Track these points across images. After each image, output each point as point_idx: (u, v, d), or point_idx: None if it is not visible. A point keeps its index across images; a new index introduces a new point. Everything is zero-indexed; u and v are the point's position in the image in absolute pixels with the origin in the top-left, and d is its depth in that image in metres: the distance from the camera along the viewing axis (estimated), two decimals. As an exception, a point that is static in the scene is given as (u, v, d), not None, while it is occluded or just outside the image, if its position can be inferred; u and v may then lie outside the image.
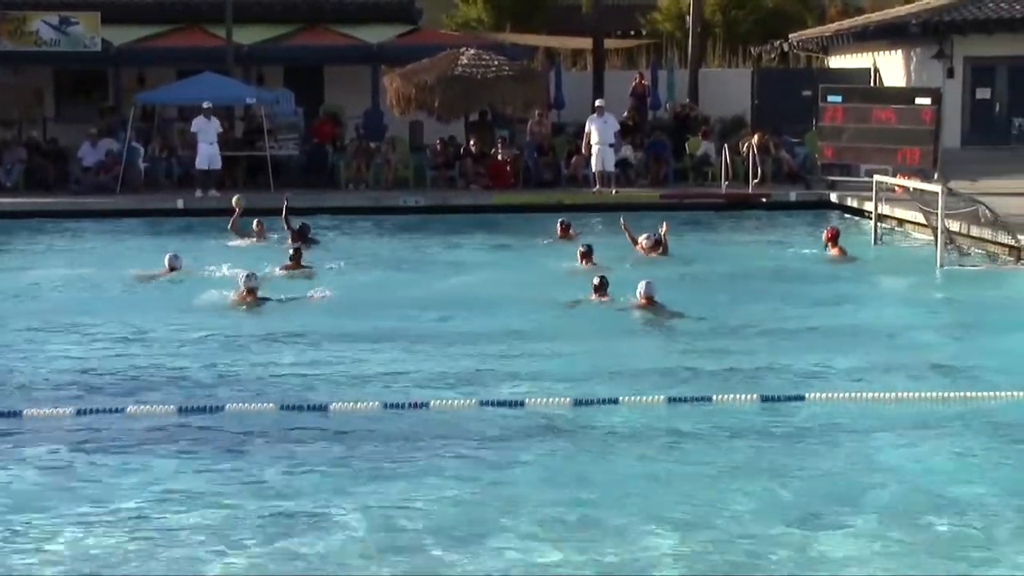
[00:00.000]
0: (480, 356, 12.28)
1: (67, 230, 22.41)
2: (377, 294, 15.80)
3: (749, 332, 13.35)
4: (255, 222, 19.74)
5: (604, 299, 14.36)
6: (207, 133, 25.62)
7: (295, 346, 12.80)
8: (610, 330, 13.42)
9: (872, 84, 32.01)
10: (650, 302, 13.83)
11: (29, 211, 24.04)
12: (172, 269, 16.66)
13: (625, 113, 30.03)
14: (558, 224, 20.07)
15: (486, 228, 22.08)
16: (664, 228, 18.09)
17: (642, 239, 18.23)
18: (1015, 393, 10.48)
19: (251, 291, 14.34)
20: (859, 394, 10.54)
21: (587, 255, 16.91)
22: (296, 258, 16.84)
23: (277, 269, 16.62)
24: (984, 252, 17.95)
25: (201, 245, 19.64)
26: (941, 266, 17.27)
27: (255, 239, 19.59)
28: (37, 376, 11.71)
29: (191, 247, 19.17)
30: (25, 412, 10.20)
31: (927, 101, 24.64)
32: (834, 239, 18.12)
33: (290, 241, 17.70)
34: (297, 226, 19.00)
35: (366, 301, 15.06)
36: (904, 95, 26.24)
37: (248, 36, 30.23)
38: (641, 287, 13.90)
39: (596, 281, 14.57)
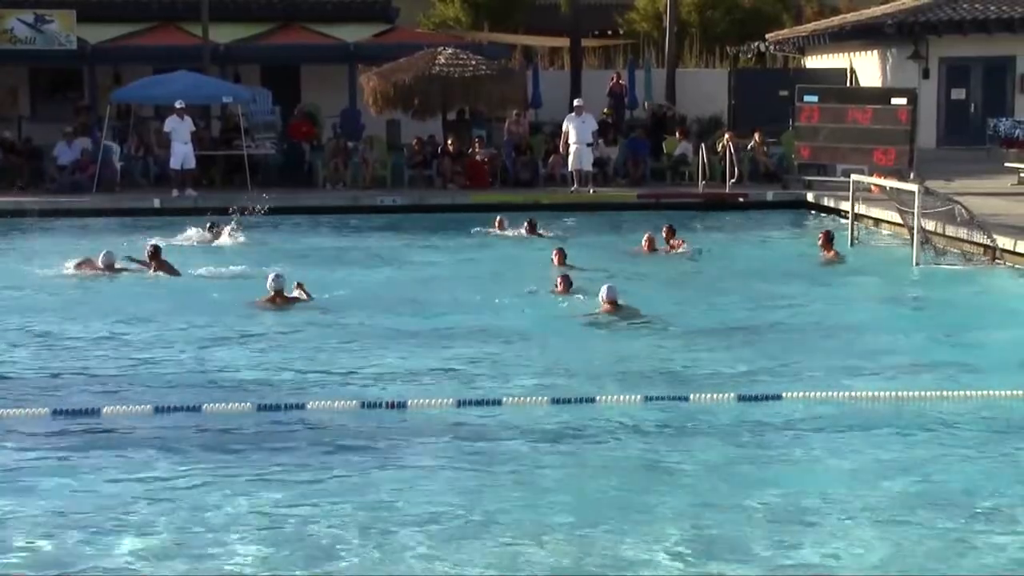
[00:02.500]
0: (456, 355, 12.28)
1: (42, 229, 22.29)
2: (351, 294, 15.76)
3: (724, 332, 13.37)
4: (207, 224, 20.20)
5: (569, 296, 14.53)
6: (180, 132, 25.52)
7: (304, 345, 12.87)
8: (579, 330, 13.43)
9: (848, 84, 32.16)
10: (614, 306, 13.71)
11: (3, 210, 23.87)
12: (108, 267, 16.65)
13: (604, 111, 30.15)
14: (526, 223, 20.41)
15: (463, 227, 22.04)
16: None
17: (646, 237, 18.56)
18: (991, 392, 10.53)
19: (278, 292, 14.38)
20: (836, 393, 10.57)
21: (562, 256, 16.95)
22: (155, 257, 16.80)
23: (150, 272, 16.68)
24: (960, 251, 18.04)
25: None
26: (917, 265, 17.37)
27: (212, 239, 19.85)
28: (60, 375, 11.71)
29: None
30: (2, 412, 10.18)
31: (903, 101, 24.75)
32: (828, 241, 18.16)
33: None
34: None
35: (340, 301, 15.03)
36: (880, 95, 26.35)
37: (225, 35, 30.15)
38: (603, 292, 13.77)
39: (560, 279, 14.80)
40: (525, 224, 20.45)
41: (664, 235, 18.73)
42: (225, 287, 15.90)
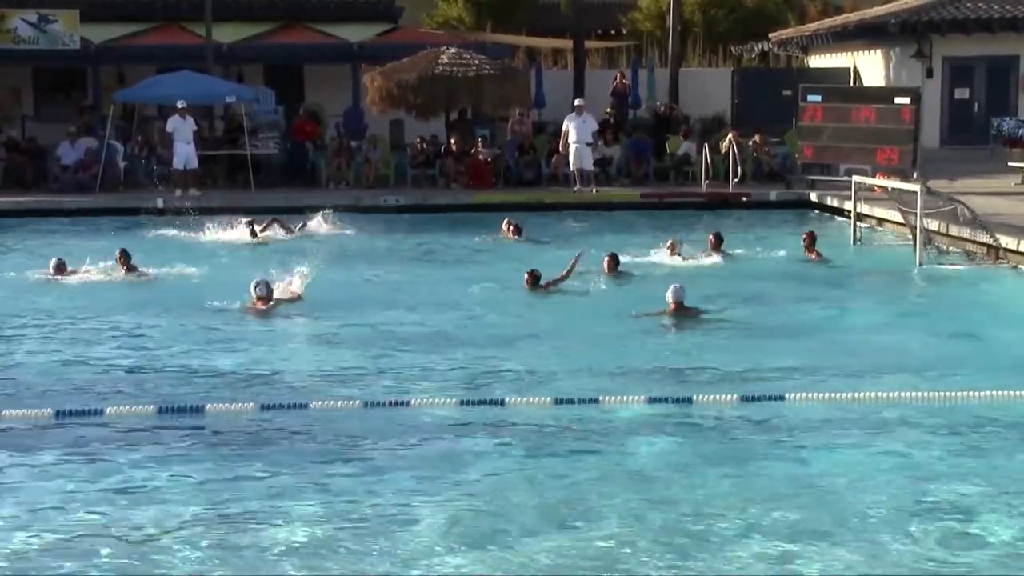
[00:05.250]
0: (458, 355, 12.30)
1: (46, 229, 22.31)
2: (357, 293, 15.78)
3: (726, 332, 13.37)
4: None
5: (537, 290, 15.15)
6: (183, 132, 25.56)
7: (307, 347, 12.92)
8: (583, 330, 13.44)
9: (851, 84, 32.14)
10: (680, 307, 13.60)
11: (7, 210, 23.91)
12: (59, 271, 16.53)
13: (608, 110, 30.14)
14: (507, 225, 20.22)
15: (466, 227, 22.06)
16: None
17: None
18: (994, 392, 10.53)
19: (261, 299, 14.37)
20: (839, 395, 10.57)
21: (612, 263, 16.61)
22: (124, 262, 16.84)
23: (121, 273, 16.69)
24: (963, 251, 18.02)
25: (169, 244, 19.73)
26: (920, 265, 17.36)
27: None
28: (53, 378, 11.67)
29: (168, 244, 19.27)
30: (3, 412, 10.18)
31: (906, 101, 24.75)
32: (811, 242, 18.11)
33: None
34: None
35: (344, 301, 15.04)
36: (883, 95, 26.35)
37: (228, 34, 30.18)
38: (669, 293, 13.63)
39: (528, 274, 15.25)
40: (511, 227, 20.18)
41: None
42: (225, 288, 15.89)
